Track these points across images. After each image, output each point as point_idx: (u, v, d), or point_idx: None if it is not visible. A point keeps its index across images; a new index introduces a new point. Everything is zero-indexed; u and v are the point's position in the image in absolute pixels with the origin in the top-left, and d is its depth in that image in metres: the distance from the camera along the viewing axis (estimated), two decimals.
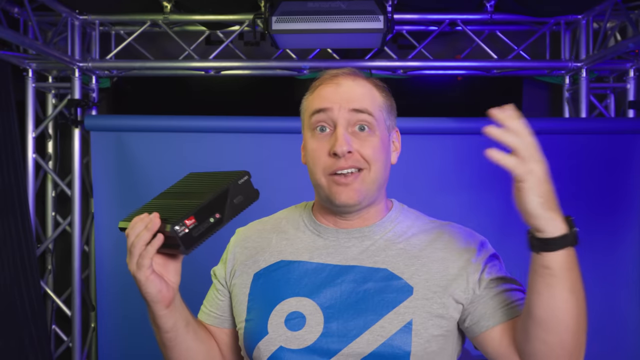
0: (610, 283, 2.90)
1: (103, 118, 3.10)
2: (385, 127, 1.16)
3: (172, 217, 1.01)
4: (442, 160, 2.91)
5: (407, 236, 1.17)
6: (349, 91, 1.14)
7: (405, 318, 1.08)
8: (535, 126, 2.91)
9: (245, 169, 1.20)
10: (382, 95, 1.18)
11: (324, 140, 1.12)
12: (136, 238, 1.01)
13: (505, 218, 2.90)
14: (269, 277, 1.17)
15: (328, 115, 1.12)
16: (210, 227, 1.04)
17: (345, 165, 1.09)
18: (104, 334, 3.04)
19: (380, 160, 1.13)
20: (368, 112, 1.12)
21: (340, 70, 1.19)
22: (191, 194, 1.09)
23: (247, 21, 3.03)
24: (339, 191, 1.10)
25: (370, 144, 1.12)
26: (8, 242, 2.83)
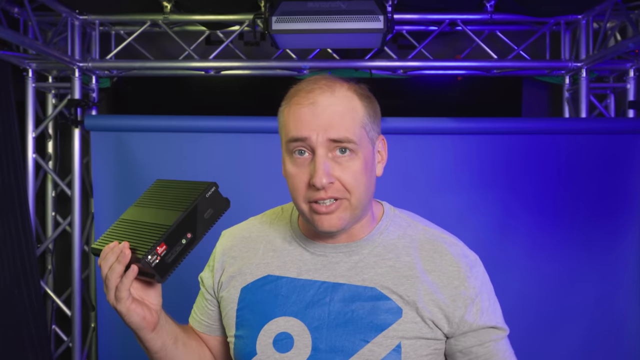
0: (610, 282, 2.90)
1: (103, 118, 3.10)
2: (368, 143, 1.09)
3: (142, 246, 1.00)
4: (442, 160, 2.91)
5: (397, 250, 1.13)
6: (326, 113, 1.05)
7: (394, 342, 1.06)
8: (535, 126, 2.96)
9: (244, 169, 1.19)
10: (363, 104, 1.09)
11: (303, 167, 1.06)
12: (109, 271, 1.00)
13: (505, 218, 2.90)
14: (257, 292, 1.15)
15: (307, 143, 1.05)
16: (184, 250, 1.02)
17: (325, 197, 1.05)
18: (104, 334, 3.03)
19: (363, 184, 1.07)
20: (348, 139, 1.04)
21: (316, 83, 1.09)
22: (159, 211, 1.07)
23: (247, 21, 3.03)
24: (320, 219, 1.07)
25: (351, 170, 1.05)
26: (8, 242, 2.83)
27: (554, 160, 2.91)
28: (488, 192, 2.89)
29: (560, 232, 2.89)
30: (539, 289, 2.89)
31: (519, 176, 2.91)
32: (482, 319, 1.10)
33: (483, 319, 1.10)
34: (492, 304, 1.13)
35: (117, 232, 1.09)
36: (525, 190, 2.91)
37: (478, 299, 1.10)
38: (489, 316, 1.11)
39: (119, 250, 1.00)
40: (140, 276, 1.02)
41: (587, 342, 2.89)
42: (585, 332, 2.89)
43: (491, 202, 2.89)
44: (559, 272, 2.89)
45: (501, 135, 2.92)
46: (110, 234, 1.10)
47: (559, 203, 2.90)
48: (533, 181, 2.91)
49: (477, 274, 1.12)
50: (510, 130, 2.92)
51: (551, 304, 2.89)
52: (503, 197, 2.90)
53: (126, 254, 0.99)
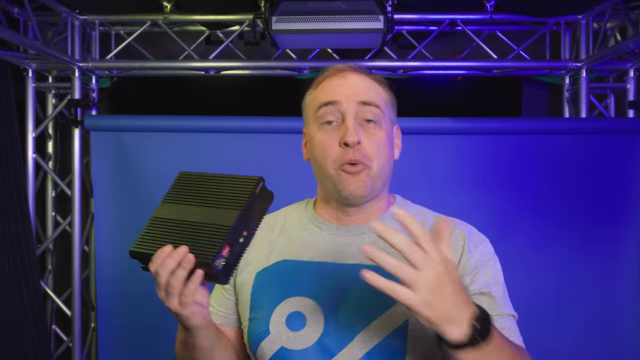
0: (610, 283, 2.90)
1: (103, 118, 3.10)
2: (390, 121, 1.18)
3: (206, 249, 0.96)
4: (442, 160, 2.91)
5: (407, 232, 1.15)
6: (356, 84, 1.15)
7: (402, 318, 1.08)
8: (535, 126, 2.95)
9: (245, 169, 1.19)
10: (385, 91, 1.20)
11: (333, 132, 1.13)
12: (172, 277, 0.96)
13: (506, 218, 2.90)
14: (271, 275, 1.18)
15: (336, 108, 1.13)
16: (241, 249, 1.00)
17: (354, 157, 1.10)
18: (104, 334, 3.03)
19: (384, 155, 1.14)
20: (376, 104, 1.14)
21: (346, 65, 1.20)
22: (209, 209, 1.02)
23: (247, 21, 3.03)
24: (348, 181, 1.11)
25: (376, 138, 1.13)
26: (8, 242, 2.83)
27: (554, 160, 2.91)
28: (488, 192, 2.89)
29: (560, 232, 2.89)
30: (539, 289, 2.89)
31: (518, 176, 2.91)
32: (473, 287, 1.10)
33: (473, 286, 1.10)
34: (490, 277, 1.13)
35: (160, 232, 1.03)
36: (525, 190, 2.91)
37: (476, 272, 1.11)
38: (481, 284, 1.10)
39: (180, 256, 0.96)
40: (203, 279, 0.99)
41: (586, 343, 2.89)
42: (584, 333, 2.89)
43: (491, 202, 2.89)
44: (559, 272, 2.89)
45: (501, 135, 2.92)
46: (151, 235, 1.04)
47: (558, 203, 2.90)
48: (533, 181, 2.91)
49: (483, 250, 1.15)
50: (510, 130, 2.92)
51: (551, 304, 2.89)
52: (503, 197, 2.90)
53: (191, 259, 0.95)
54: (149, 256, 1.00)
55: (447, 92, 3.40)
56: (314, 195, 1.29)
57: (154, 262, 0.98)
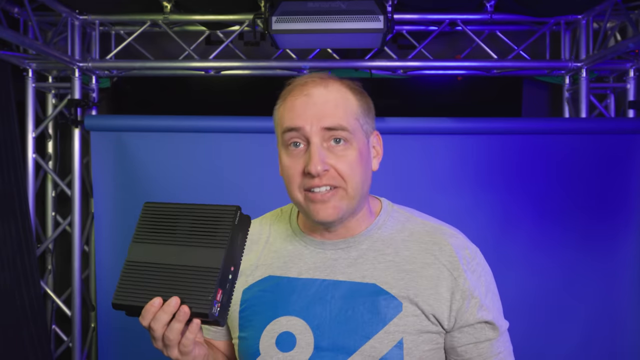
0: (610, 283, 2.90)
1: (103, 118, 3.10)
2: (362, 135, 1.10)
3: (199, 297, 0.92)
4: (442, 160, 2.91)
5: (396, 244, 1.13)
6: (320, 104, 1.07)
7: (396, 337, 1.06)
8: (535, 126, 2.96)
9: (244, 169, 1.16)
10: (357, 98, 1.11)
11: (298, 157, 1.07)
12: (168, 330, 0.94)
13: (505, 218, 2.90)
14: (259, 293, 1.15)
15: (301, 133, 1.06)
16: (232, 285, 0.97)
17: (320, 184, 1.05)
18: (104, 334, 3.04)
19: (358, 174, 1.07)
20: (342, 127, 1.05)
21: (310, 77, 1.12)
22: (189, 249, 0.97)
23: (247, 21, 3.03)
24: (316, 208, 1.06)
25: (347, 159, 1.06)
26: (8, 242, 2.83)
27: (554, 160, 2.91)
28: (488, 192, 2.89)
29: (560, 232, 2.89)
30: (539, 289, 2.89)
31: (518, 176, 2.91)
32: (479, 313, 1.09)
33: (480, 312, 1.09)
34: (491, 297, 1.12)
35: (142, 280, 0.97)
36: (525, 190, 2.91)
37: (476, 292, 1.09)
38: (486, 311, 1.10)
39: (173, 308, 0.92)
40: None
41: (586, 342, 2.89)
42: (584, 333, 2.89)
43: (491, 202, 2.89)
44: (559, 272, 2.89)
45: (501, 135, 2.92)
46: (131, 283, 0.97)
47: (558, 203, 2.90)
48: (533, 181, 2.91)
49: (476, 266, 1.12)
50: (510, 130, 2.92)
51: (551, 304, 2.89)
52: (503, 197, 2.90)
53: (186, 312, 0.92)
54: (137, 309, 0.96)
55: (447, 92, 3.40)
56: None
57: (145, 317, 0.94)
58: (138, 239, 1.01)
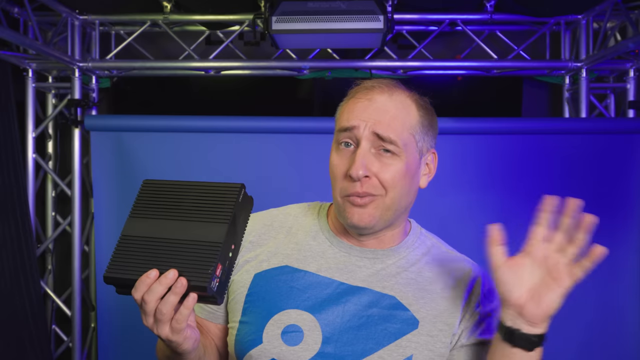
0: (610, 283, 2.89)
1: (103, 118, 3.10)
2: (415, 150, 1.09)
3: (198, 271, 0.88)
4: (441, 160, 2.89)
5: (420, 265, 1.13)
6: (379, 110, 1.06)
7: (406, 352, 1.04)
8: (535, 126, 2.96)
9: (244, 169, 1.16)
10: (420, 114, 1.11)
11: (344, 158, 1.07)
12: (162, 303, 0.90)
13: (505, 218, 2.89)
14: (271, 281, 1.11)
15: (353, 134, 1.06)
16: (231, 263, 0.94)
17: (360, 191, 1.04)
18: (104, 334, 3.03)
19: (401, 186, 1.06)
20: (392, 141, 1.05)
21: (378, 83, 1.11)
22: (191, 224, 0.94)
23: (247, 21, 3.03)
24: (352, 212, 1.06)
25: (391, 169, 1.05)
26: (8, 242, 2.83)
27: (554, 160, 2.91)
28: (488, 192, 2.89)
29: None
30: None
31: (518, 176, 2.91)
32: (483, 335, 1.10)
33: (483, 335, 1.10)
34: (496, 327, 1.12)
35: (137, 253, 0.93)
36: (525, 191, 2.90)
37: (487, 319, 1.11)
38: (489, 333, 1.10)
39: (170, 280, 0.89)
40: None
41: (586, 343, 2.89)
42: (585, 333, 2.89)
43: (491, 202, 2.89)
44: None
45: (501, 135, 2.92)
46: (125, 257, 0.94)
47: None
48: (533, 181, 2.91)
49: (493, 297, 1.13)
50: (510, 130, 2.92)
51: None
52: (503, 197, 2.90)
53: (184, 284, 0.88)
54: (131, 282, 0.91)
55: (447, 92, 3.40)
56: (314, 197, 1.26)
57: (139, 289, 0.90)
58: (135, 214, 0.98)
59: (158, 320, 0.92)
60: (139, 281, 0.91)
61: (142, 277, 0.90)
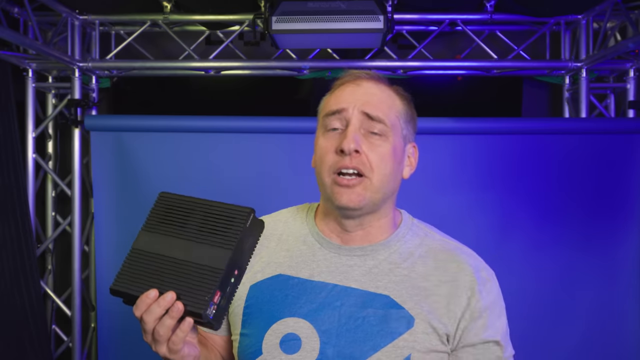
0: (610, 283, 2.89)
1: (103, 118, 3.10)
2: (401, 136, 1.12)
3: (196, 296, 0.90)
4: (441, 160, 2.91)
5: (413, 259, 1.12)
6: (368, 93, 1.11)
7: (404, 352, 1.04)
8: (535, 126, 2.97)
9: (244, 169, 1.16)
10: (402, 103, 1.15)
11: (333, 139, 1.09)
12: (159, 325, 0.92)
13: (505, 218, 2.90)
14: (266, 291, 1.12)
15: (342, 115, 1.09)
16: (233, 289, 0.94)
17: (350, 165, 1.05)
18: (104, 334, 3.03)
19: (387, 168, 1.08)
20: (381, 120, 1.08)
21: (364, 72, 1.16)
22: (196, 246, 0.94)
23: (247, 21, 3.03)
24: (341, 192, 1.06)
25: (379, 150, 1.07)
26: (8, 242, 2.83)
27: (554, 161, 2.91)
28: (488, 192, 2.89)
29: (560, 232, 2.89)
30: (539, 289, 2.88)
31: (518, 176, 2.91)
32: (485, 333, 1.08)
33: (486, 333, 1.08)
34: (500, 321, 1.11)
35: (143, 270, 0.96)
36: (525, 191, 2.90)
37: (486, 314, 1.08)
38: (492, 331, 1.08)
39: (167, 303, 0.91)
40: None
41: (586, 342, 2.88)
42: (584, 333, 2.89)
43: (491, 202, 2.89)
44: (559, 272, 2.89)
45: (501, 135, 2.92)
46: (133, 272, 0.96)
47: (558, 203, 2.90)
48: (533, 181, 2.91)
49: (490, 289, 1.11)
50: (510, 130, 2.92)
51: (551, 304, 2.89)
52: (503, 197, 2.90)
53: (180, 309, 0.90)
54: (133, 298, 0.94)
55: (447, 92, 3.40)
56: (314, 197, 1.25)
57: (139, 307, 0.93)
58: (148, 227, 1.01)
59: (155, 340, 0.95)
60: (139, 300, 0.93)
61: (142, 297, 0.93)
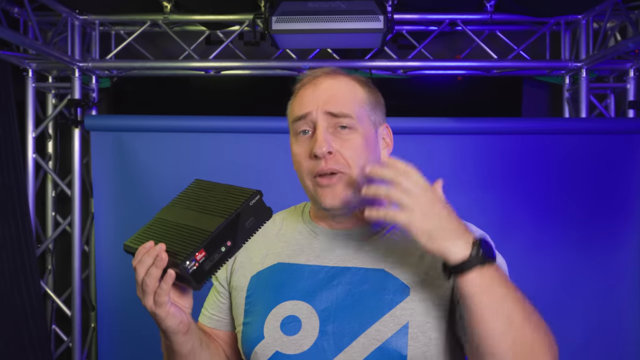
0: (610, 283, 2.90)
1: (103, 118, 3.10)
2: (370, 123, 1.13)
3: (181, 250, 0.97)
4: (441, 160, 2.91)
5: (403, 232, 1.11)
6: (327, 91, 1.12)
7: (401, 321, 1.05)
8: (535, 126, 2.95)
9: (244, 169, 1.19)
10: (364, 90, 1.15)
11: (305, 144, 1.12)
12: (146, 275, 0.98)
13: (505, 218, 2.90)
14: (266, 280, 1.16)
15: (308, 119, 1.11)
16: (222, 258, 0.99)
17: (326, 168, 1.08)
18: (104, 334, 3.03)
19: (363, 159, 1.09)
20: (345, 114, 1.09)
21: (320, 70, 1.17)
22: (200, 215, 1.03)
23: (247, 21, 3.03)
24: (324, 194, 1.09)
25: (351, 144, 1.09)
26: (8, 242, 2.83)
27: (554, 161, 2.91)
28: (488, 192, 2.89)
29: (560, 232, 2.89)
30: (539, 289, 2.88)
31: (518, 176, 2.91)
32: None
33: None
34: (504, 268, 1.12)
35: (153, 231, 1.06)
36: (525, 191, 2.91)
37: None
38: None
39: (155, 253, 0.97)
40: (176, 281, 0.99)
41: (587, 342, 2.89)
42: (585, 333, 2.89)
43: (491, 202, 2.89)
44: (559, 272, 2.89)
45: (501, 136, 2.92)
46: (145, 233, 1.06)
47: (558, 203, 2.90)
48: (533, 181, 2.91)
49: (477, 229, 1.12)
50: (510, 130, 2.92)
51: (551, 304, 2.89)
52: (503, 197, 2.90)
53: (163, 258, 0.97)
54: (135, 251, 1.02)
55: (447, 92, 3.40)
56: None
57: (135, 257, 1.00)
58: (173, 202, 1.13)
59: (144, 291, 1.00)
60: (137, 251, 1.01)
61: (140, 248, 1.00)
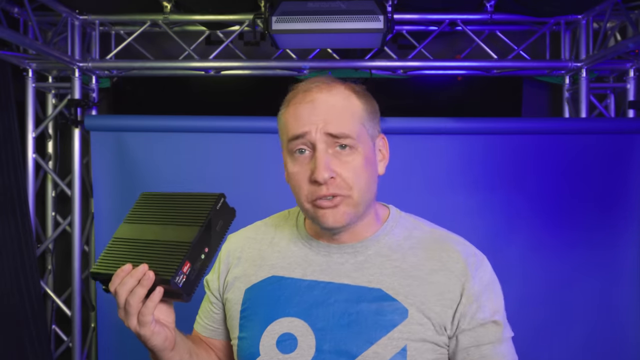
0: (612, 282, 2.90)
1: (103, 118, 3.10)
2: (368, 139, 1.10)
3: (166, 266, 0.96)
4: (442, 160, 2.91)
5: (403, 251, 1.12)
6: (325, 110, 1.06)
7: (400, 344, 1.04)
8: (535, 126, 2.97)
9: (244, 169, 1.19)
10: (361, 101, 1.11)
11: (304, 164, 1.07)
12: (130, 295, 0.96)
13: (505, 218, 2.90)
14: (261, 293, 1.14)
15: (306, 139, 1.06)
16: (203, 265, 1.00)
17: (327, 193, 1.04)
18: (104, 334, 3.03)
19: (364, 180, 1.07)
20: (345, 135, 1.05)
21: (314, 82, 1.11)
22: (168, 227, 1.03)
23: (247, 21, 3.03)
24: (325, 215, 1.06)
25: (352, 166, 1.06)
26: (8, 242, 2.83)
27: (554, 160, 2.91)
28: (488, 192, 2.89)
29: (560, 232, 2.89)
30: (540, 289, 2.89)
31: (518, 176, 2.91)
32: (481, 315, 1.07)
33: (482, 314, 1.08)
34: (495, 302, 1.10)
35: (120, 252, 1.04)
36: (525, 191, 2.90)
37: (482, 297, 1.08)
38: (490, 312, 1.08)
39: (140, 273, 0.96)
40: (163, 297, 0.99)
41: (590, 341, 2.89)
42: (588, 332, 2.89)
43: (491, 202, 2.89)
44: (560, 272, 2.89)
45: (501, 135, 2.92)
46: (111, 256, 1.04)
47: (558, 203, 2.90)
48: (533, 181, 2.91)
49: (484, 273, 1.11)
50: (510, 130, 2.92)
51: (553, 303, 2.89)
52: (503, 198, 2.90)
53: (150, 277, 0.96)
54: (109, 276, 0.99)
55: (447, 92, 3.40)
56: None
57: (114, 281, 0.97)
58: (127, 220, 1.10)
59: (127, 312, 0.98)
60: (114, 275, 0.98)
61: (117, 271, 0.98)
